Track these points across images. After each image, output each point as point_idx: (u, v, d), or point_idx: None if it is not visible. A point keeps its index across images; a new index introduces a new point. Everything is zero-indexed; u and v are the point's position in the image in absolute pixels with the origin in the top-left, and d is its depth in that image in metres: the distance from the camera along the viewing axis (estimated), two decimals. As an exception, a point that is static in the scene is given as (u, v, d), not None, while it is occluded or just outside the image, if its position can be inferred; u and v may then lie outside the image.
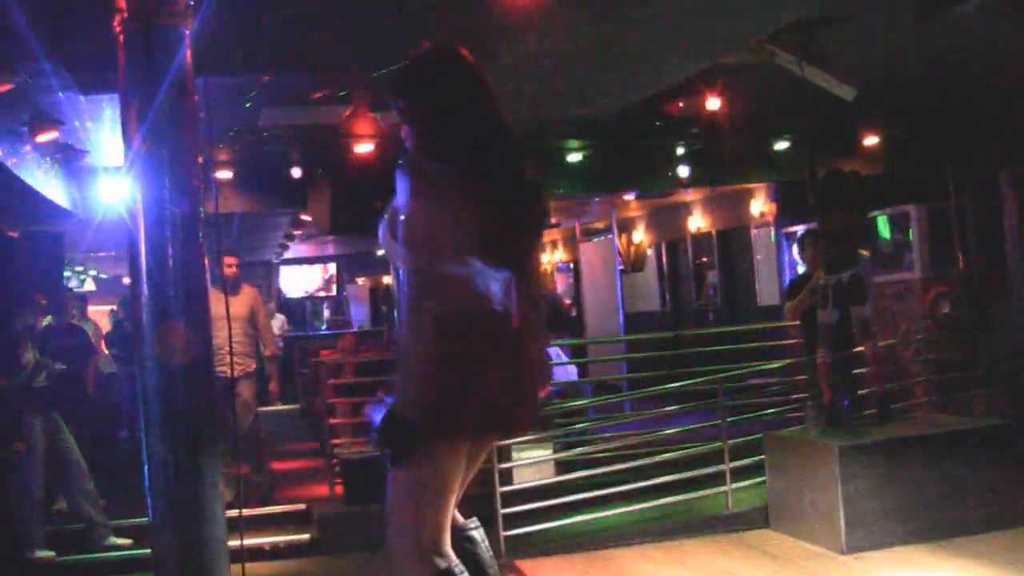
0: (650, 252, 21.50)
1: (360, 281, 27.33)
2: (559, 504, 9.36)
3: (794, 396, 11.44)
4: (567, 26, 7.66)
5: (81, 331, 12.66)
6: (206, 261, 4.79)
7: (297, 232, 19.36)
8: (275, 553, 9.75)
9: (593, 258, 18.36)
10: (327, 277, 26.61)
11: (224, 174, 11.59)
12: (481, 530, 4.05)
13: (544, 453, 10.23)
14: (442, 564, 3.67)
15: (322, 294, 27.33)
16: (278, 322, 23.20)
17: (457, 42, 3.71)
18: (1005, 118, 11.29)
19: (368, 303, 27.93)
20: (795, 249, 15.94)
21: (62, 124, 8.98)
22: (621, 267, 18.66)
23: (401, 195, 3.66)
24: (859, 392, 9.64)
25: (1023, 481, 8.68)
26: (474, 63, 3.82)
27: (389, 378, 3.88)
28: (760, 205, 17.11)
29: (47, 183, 10.19)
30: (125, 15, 4.65)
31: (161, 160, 4.61)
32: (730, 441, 9.55)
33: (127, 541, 9.87)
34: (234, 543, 5.08)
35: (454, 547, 3.80)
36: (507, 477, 9.56)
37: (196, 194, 4.69)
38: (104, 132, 9.73)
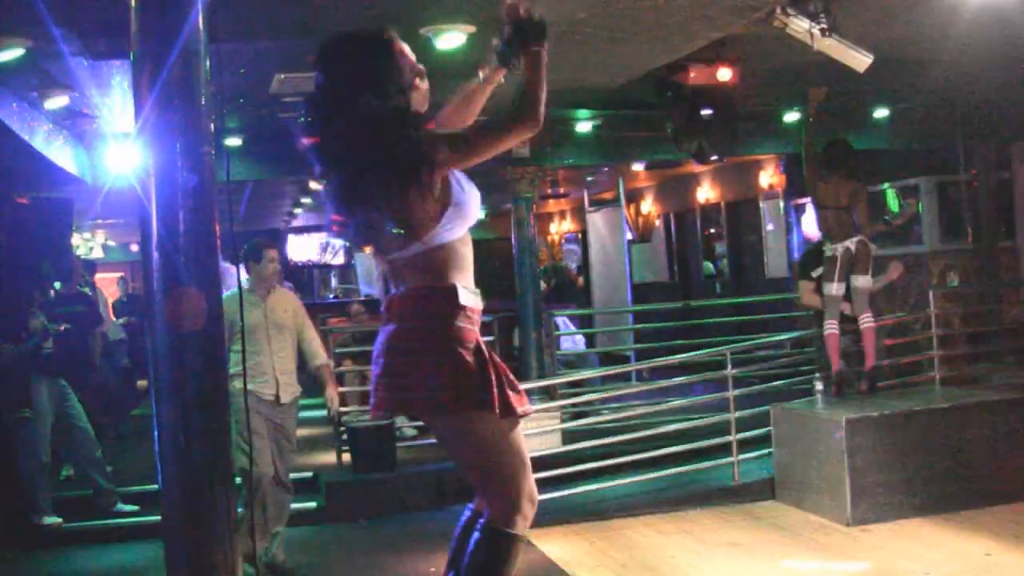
0: (658, 223, 21.48)
1: (367, 249, 27.31)
2: (566, 474, 9.39)
3: (801, 368, 11.44)
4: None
5: (88, 298, 12.68)
6: (217, 228, 4.78)
7: (305, 200, 19.35)
8: (283, 520, 9.78)
9: (601, 228, 18.32)
10: (324, 245, 26.73)
11: (233, 141, 11.56)
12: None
13: (551, 423, 10.24)
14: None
15: (330, 262, 27.33)
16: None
17: (465, 9, 3.71)
18: (1018, 92, 11.23)
19: (376, 272, 27.92)
20: (803, 221, 15.95)
21: (72, 90, 8.95)
22: (629, 238, 18.64)
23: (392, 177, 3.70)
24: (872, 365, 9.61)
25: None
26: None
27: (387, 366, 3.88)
28: (769, 177, 17.08)
29: (57, 149, 10.18)
30: (136, -20, 4.63)
31: (172, 126, 4.59)
32: (737, 413, 9.56)
33: (134, 507, 9.92)
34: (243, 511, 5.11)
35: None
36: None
37: (207, 161, 4.68)
38: (114, 98, 9.70)
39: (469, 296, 3.80)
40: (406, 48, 3.91)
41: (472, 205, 3.85)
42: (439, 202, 3.73)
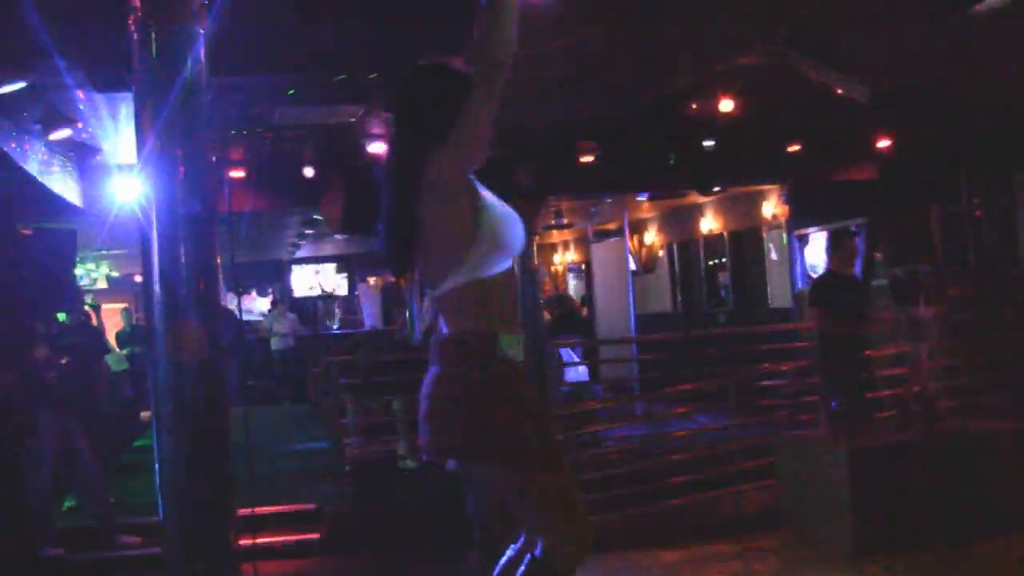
0: (662, 253, 21.48)
1: (371, 280, 27.36)
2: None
3: (805, 399, 11.42)
4: (581, 27, 7.66)
5: (93, 329, 12.69)
6: (218, 260, 4.79)
7: (309, 232, 19.39)
8: (285, 552, 9.76)
9: (605, 259, 18.35)
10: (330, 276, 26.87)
11: (237, 173, 11.60)
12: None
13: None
14: None
15: (333, 293, 27.35)
16: (289, 321, 23.23)
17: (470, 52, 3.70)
18: (1020, 120, 11.25)
19: (380, 303, 27.93)
20: (806, 252, 15.95)
21: (76, 122, 8.99)
22: (633, 268, 18.65)
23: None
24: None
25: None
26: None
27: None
28: (772, 207, 17.08)
29: (60, 180, 10.21)
30: (140, 14, 4.66)
31: (175, 158, 4.61)
32: (740, 443, 9.54)
33: (137, 539, 9.88)
34: (245, 542, 5.09)
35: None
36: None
37: (209, 192, 4.70)
38: (118, 130, 9.74)
39: (510, 347, 3.77)
40: None
41: (509, 232, 3.79)
42: (470, 223, 3.68)
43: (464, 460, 3.85)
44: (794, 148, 13.25)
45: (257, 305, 26.67)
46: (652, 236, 21.60)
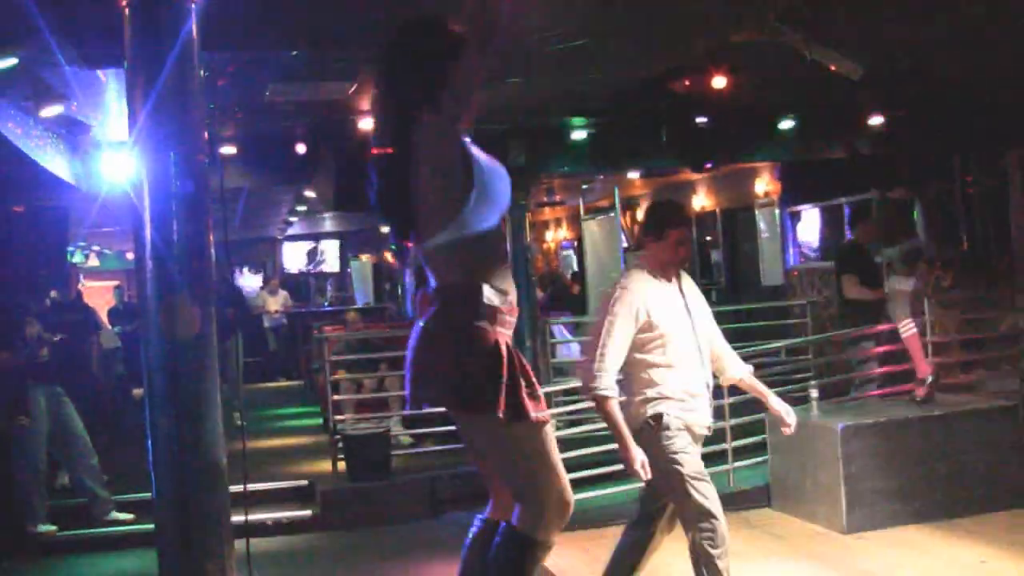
0: (654, 230, 21.45)
1: (364, 258, 27.34)
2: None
3: (797, 375, 11.44)
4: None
5: (84, 306, 12.68)
6: (211, 237, 4.79)
7: (301, 208, 19.36)
8: (278, 529, 9.78)
9: (597, 236, 18.31)
10: (311, 251, 26.87)
11: (228, 150, 11.57)
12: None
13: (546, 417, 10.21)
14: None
15: (324, 270, 27.34)
16: (281, 298, 23.23)
17: (465, 17, 3.68)
18: (1013, 101, 11.25)
19: (371, 280, 27.91)
20: (799, 229, 15.96)
21: (66, 98, 8.96)
22: (625, 245, 18.63)
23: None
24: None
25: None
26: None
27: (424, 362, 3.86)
28: (764, 184, 17.09)
29: (51, 158, 10.17)
30: (131, -11, 4.64)
31: (166, 135, 4.60)
32: (732, 420, 9.54)
33: (129, 516, 9.89)
34: (238, 518, 5.10)
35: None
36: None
37: (201, 169, 4.69)
38: (109, 107, 9.71)
39: (495, 296, 3.77)
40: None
41: (499, 188, 3.79)
42: (463, 176, 3.68)
43: (441, 407, 3.90)
44: (787, 125, 13.24)
45: (248, 282, 26.66)
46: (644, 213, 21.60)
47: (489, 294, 3.75)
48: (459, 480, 9.76)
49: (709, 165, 14.78)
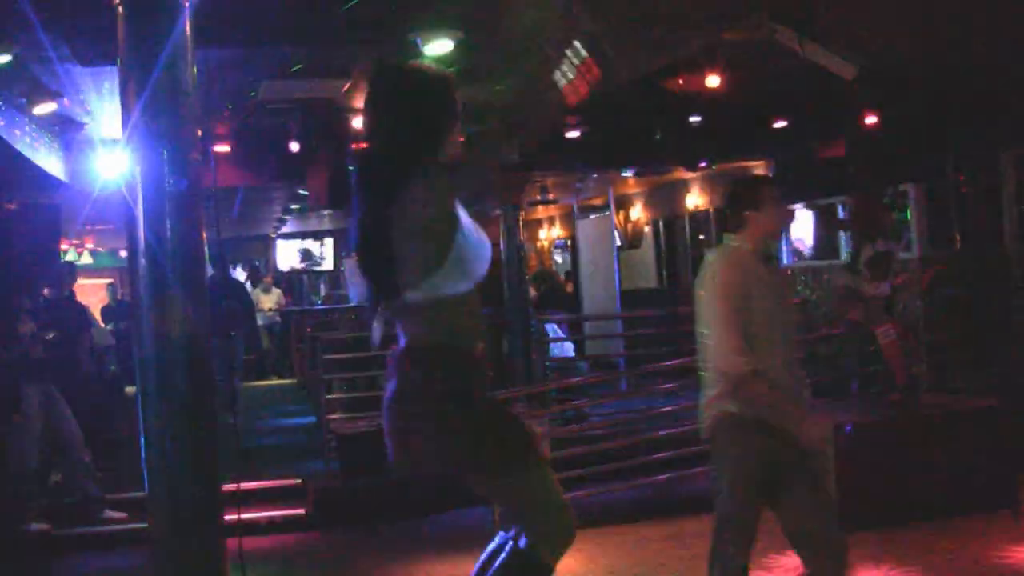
0: (647, 229, 21.49)
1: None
2: (555, 480, 9.36)
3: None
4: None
5: (77, 304, 12.64)
6: (204, 234, 4.78)
7: (294, 206, 19.34)
8: (271, 528, 9.77)
9: (590, 235, 18.35)
10: (303, 252, 26.83)
11: (222, 147, 11.55)
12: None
13: (540, 430, 10.23)
14: None
15: (318, 268, 27.31)
16: (275, 296, 23.21)
17: (457, 14, 3.69)
18: (1006, 98, 11.26)
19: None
20: (791, 228, 15.94)
21: (60, 96, 8.95)
22: (618, 244, 18.65)
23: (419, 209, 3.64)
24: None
25: (1010, 463, 8.69)
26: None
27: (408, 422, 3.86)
28: (758, 183, 17.07)
29: (45, 155, 10.16)
30: (124, -14, 4.63)
31: (160, 133, 4.59)
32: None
33: (122, 515, 9.88)
34: (230, 517, 5.10)
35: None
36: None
37: (195, 167, 4.68)
38: (102, 104, 9.70)
39: (465, 359, 3.77)
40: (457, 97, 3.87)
41: (477, 262, 3.74)
42: (442, 251, 3.64)
43: (430, 471, 3.91)
44: (780, 124, 13.25)
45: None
46: (638, 212, 21.60)
47: (460, 357, 3.76)
48: (451, 480, 9.77)
49: (703, 164, 14.79)
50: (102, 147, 10.92)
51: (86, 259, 24.37)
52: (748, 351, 4.97)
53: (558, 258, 25.80)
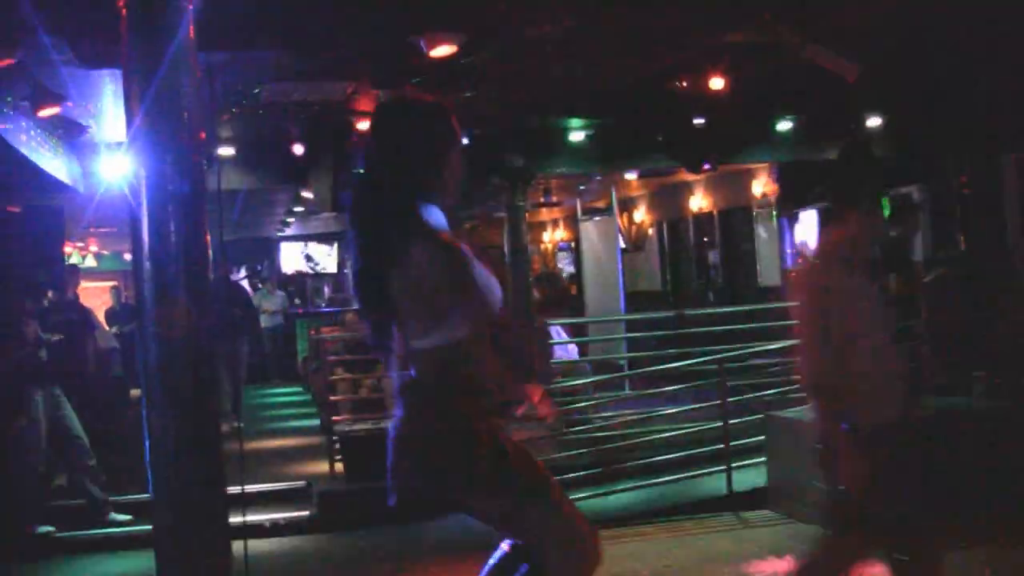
0: (651, 231, 21.47)
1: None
2: (559, 483, 9.35)
3: (795, 376, 11.42)
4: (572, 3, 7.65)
5: (81, 306, 12.65)
6: (208, 237, 4.78)
7: (298, 209, 19.33)
8: (275, 530, 9.77)
9: (594, 237, 18.32)
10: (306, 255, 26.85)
11: (226, 150, 11.55)
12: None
13: (543, 432, 10.22)
14: None
15: (322, 271, 27.31)
16: (279, 299, 23.20)
17: (461, 18, 3.69)
18: (1009, 102, 11.24)
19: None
20: (796, 230, 15.93)
21: (64, 99, 8.95)
22: (622, 246, 18.63)
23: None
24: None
25: (1019, 463, 8.66)
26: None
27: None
28: (762, 185, 17.07)
29: (49, 158, 10.17)
30: (128, -10, 4.63)
31: (163, 135, 4.60)
32: (731, 421, 9.54)
33: (127, 517, 9.88)
34: (235, 520, 5.09)
35: None
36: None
37: (198, 170, 4.68)
38: (106, 107, 9.70)
39: (475, 400, 3.75)
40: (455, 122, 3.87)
41: (487, 307, 3.76)
42: (454, 301, 3.62)
43: (438, 496, 3.89)
44: (784, 126, 13.23)
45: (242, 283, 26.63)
46: (642, 214, 21.59)
47: (469, 398, 3.74)
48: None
49: (706, 166, 14.76)
50: (105, 150, 10.92)
51: (90, 262, 24.36)
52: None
53: (566, 265, 25.76)
